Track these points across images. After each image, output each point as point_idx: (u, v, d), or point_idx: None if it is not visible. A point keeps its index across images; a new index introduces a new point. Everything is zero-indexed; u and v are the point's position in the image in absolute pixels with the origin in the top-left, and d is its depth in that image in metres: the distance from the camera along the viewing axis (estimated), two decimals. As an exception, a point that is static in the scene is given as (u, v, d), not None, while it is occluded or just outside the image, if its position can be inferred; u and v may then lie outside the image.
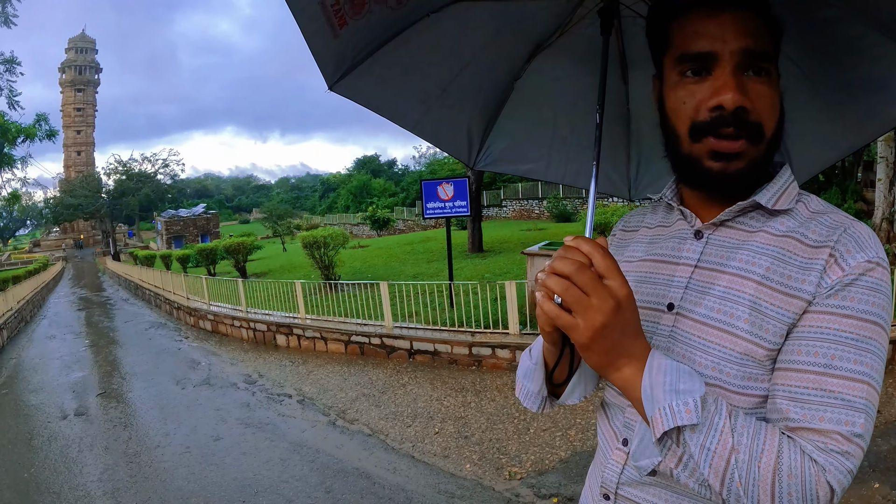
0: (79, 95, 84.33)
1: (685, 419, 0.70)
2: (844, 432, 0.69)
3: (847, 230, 0.78)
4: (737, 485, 0.68)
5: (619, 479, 0.92)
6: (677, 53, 0.85)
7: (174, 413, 6.60)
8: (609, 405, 1.00)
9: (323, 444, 5.26)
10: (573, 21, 1.28)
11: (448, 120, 1.46)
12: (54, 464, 5.29)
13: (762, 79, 0.81)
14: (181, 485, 4.59)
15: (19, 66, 28.15)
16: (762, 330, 0.78)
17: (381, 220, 36.03)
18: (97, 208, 57.68)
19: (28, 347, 12.57)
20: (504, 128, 1.53)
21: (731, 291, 0.81)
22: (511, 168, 1.71)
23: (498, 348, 6.96)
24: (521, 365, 1.03)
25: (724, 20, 0.80)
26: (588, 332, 0.72)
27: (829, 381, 0.71)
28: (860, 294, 0.74)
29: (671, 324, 0.87)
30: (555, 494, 3.93)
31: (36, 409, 7.37)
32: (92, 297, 24.34)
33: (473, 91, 1.42)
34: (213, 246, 23.90)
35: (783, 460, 0.68)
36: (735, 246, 0.85)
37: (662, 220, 1.01)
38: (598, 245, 0.74)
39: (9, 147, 26.44)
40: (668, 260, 0.93)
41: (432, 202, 9.98)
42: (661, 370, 0.73)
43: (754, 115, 0.80)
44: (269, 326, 9.93)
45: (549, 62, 1.39)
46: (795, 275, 0.77)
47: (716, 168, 0.82)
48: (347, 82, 1.21)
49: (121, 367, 9.44)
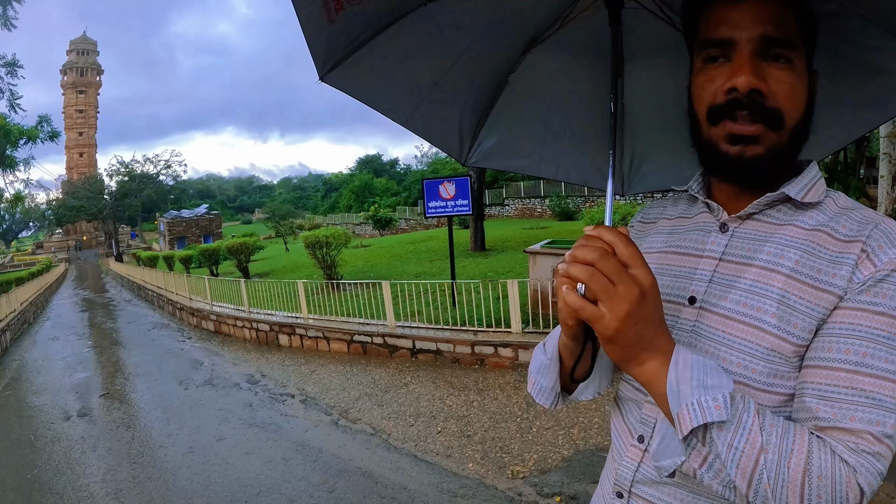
0: (80, 97, 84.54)
1: (714, 415, 0.67)
2: (875, 433, 0.67)
3: (878, 226, 0.76)
4: (765, 486, 0.66)
5: (633, 478, 0.90)
6: (701, 40, 0.85)
7: (177, 413, 6.61)
8: (624, 400, 0.97)
9: (325, 443, 5.26)
10: (574, 13, 1.25)
11: (440, 114, 1.43)
12: (57, 465, 5.29)
13: (783, 65, 0.80)
14: (184, 485, 4.59)
15: (21, 68, 28.22)
16: (791, 325, 0.75)
17: (383, 220, 35.99)
18: (100, 210, 57.78)
19: (31, 349, 12.60)
20: (496, 123, 1.50)
21: (759, 285, 0.79)
22: (503, 164, 1.68)
23: (501, 347, 6.95)
24: (534, 360, 0.99)
25: (746, 7, 0.80)
26: (614, 323, 0.69)
27: (861, 380, 0.69)
28: (893, 291, 0.72)
29: (693, 318, 0.85)
30: (557, 493, 3.92)
31: (39, 410, 7.38)
32: (95, 299, 24.40)
33: (466, 85, 1.39)
34: (216, 246, 23.92)
35: (813, 461, 0.66)
36: (762, 239, 0.83)
37: (683, 213, 0.99)
38: (620, 233, 0.72)
39: (11, 149, 26.51)
40: (691, 252, 0.91)
41: (434, 201, 9.96)
42: (687, 365, 0.71)
43: (771, 100, 0.79)
44: (271, 326, 9.94)
45: (546, 55, 1.36)
46: (826, 268, 0.76)
47: (733, 152, 0.81)
48: (339, 73, 1.17)
49: (124, 368, 9.46)
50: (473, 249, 17.00)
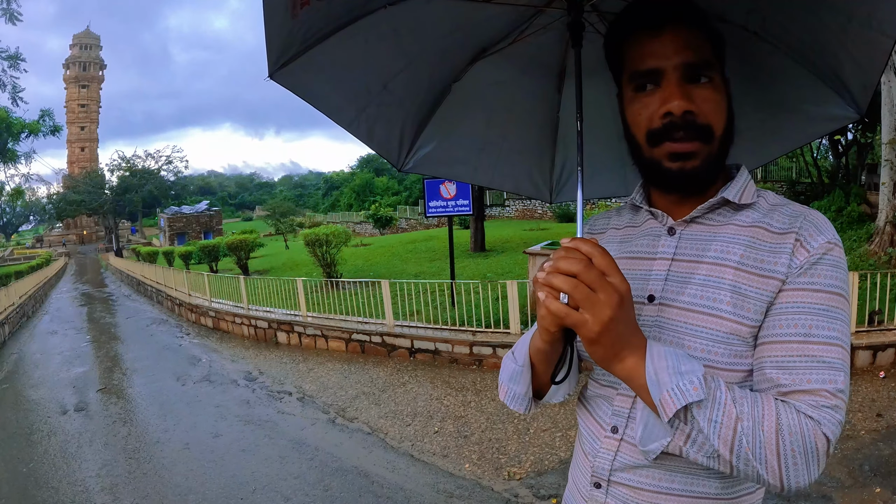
0: (83, 91, 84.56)
1: (693, 396, 0.76)
2: (830, 389, 0.78)
3: (806, 217, 0.88)
4: (745, 450, 0.75)
5: (611, 466, 0.97)
6: (630, 71, 0.95)
7: (174, 409, 6.60)
8: (591, 398, 1.06)
9: (322, 442, 5.25)
10: (529, 30, 1.29)
11: (384, 118, 1.42)
12: (53, 459, 5.29)
13: (705, 84, 0.91)
14: (179, 481, 4.59)
15: (24, 62, 28.15)
16: (744, 310, 0.86)
17: (383, 219, 35.94)
18: (100, 204, 57.80)
19: (29, 342, 12.59)
20: (436, 130, 1.51)
21: (712, 278, 0.89)
22: (438, 170, 1.71)
23: (499, 348, 6.95)
24: (504, 368, 1.08)
25: (666, 38, 0.90)
26: (597, 327, 0.77)
27: (811, 348, 0.80)
28: (825, 271, 0.84)
29: (654, 314, 0.94)
30: (553, 495, 3.91)
31: (36, 403, 7.37)
32: (94, 293, 24.39)
33: (413, 90, 1.40)
34: (216, 243, 23.90)
35: (783, 421, 0.75)
36: (708, 238, 0.94)
37: (630, 221, 1.09)
38: (596, 245, 0.80)
39: (13, 142, 26.51)
40: (644, 256, 1.00)
41: (435, 201, 9.94)
42: (661, 356, 0.80)
43: (702, 118, 0.89)
44: (270, 324, 9.93)
45: (492, 66, 1.40)
46: (767, 258, 0.87)
47: (675, 168, 0.92)
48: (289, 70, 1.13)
49: (121, 363, 9.45)
50: (473, 250, 16.98)
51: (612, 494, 0.97)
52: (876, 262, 9.12)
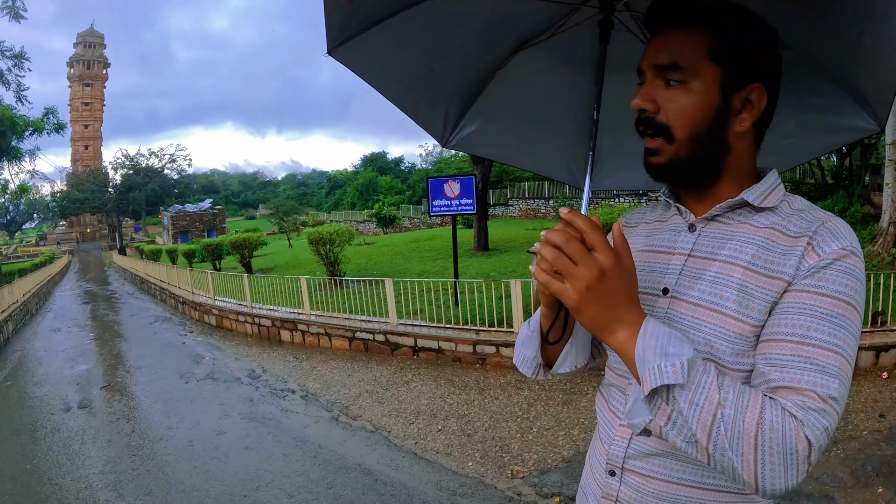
0: (86, 89, 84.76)
1: (671, 379, 0.76)
2: (820, 392, 0.76)
3: (825, 224, 0.87)
4: (723, 438, 0.74)
5: (625, 454, 0.99)
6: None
7: (177, 407, 6.61)
8: (607, 386, 1.09)
9: (325, 439, 5.26)
10: (566, 26, 1.38)
11: (430, 98, 1.54)
12: (57, 455, 5.31)
13: (675, 86, 0.93)
14: (183, 478, 4.60)
15: (28, 60, 28.19)
16: (748, 309, 0.86)
17: (387, 218, 36.00)
18: (104, 203, 57.94)
19: (33, 340, 12.64)
20: (479, 112, 1.63)
21: (721, 276, 0.91)
22: (479, 150, 1.85)
23: (502, 347, 6.95)
24: (520, 335, 1.14)
25: (652, 42, 0.95)
26: (575, 296, 0.80)
27: (806, 349, 0.79)
28: (834, 276, 0.82)
29: (666, 306, 0.96)
30: (557, 494, 3.91)
31: (39, 400, 7.40)
32: (97, 291, 24.47)
33: (458, 74, 1.51)
34: (219, 241, 23.93)
35: (765, 416, 0.74)
36: (724, 237, 0.95)
37: (660, 216, 1.11)
38: (589, 221, 0.83)
39: (17, 140, 26.56)
40: (664, 250, 1.03)
41: (438, 200, 9.94)
42: (653, 335, 0.80)
43: (661, 117, 0.93)
44: (273, 322, 9.95)
45: (533, 57, 1.49)
46: (777, 260, 0.87)
47: (646, 161, 0.98)
48: (346, 49, 1.26)
49: (125, 361, 9.48)
50: (477, 249, 16.98)
51: (625, 482, 1.00)
52: (879, 263, 9.09)
